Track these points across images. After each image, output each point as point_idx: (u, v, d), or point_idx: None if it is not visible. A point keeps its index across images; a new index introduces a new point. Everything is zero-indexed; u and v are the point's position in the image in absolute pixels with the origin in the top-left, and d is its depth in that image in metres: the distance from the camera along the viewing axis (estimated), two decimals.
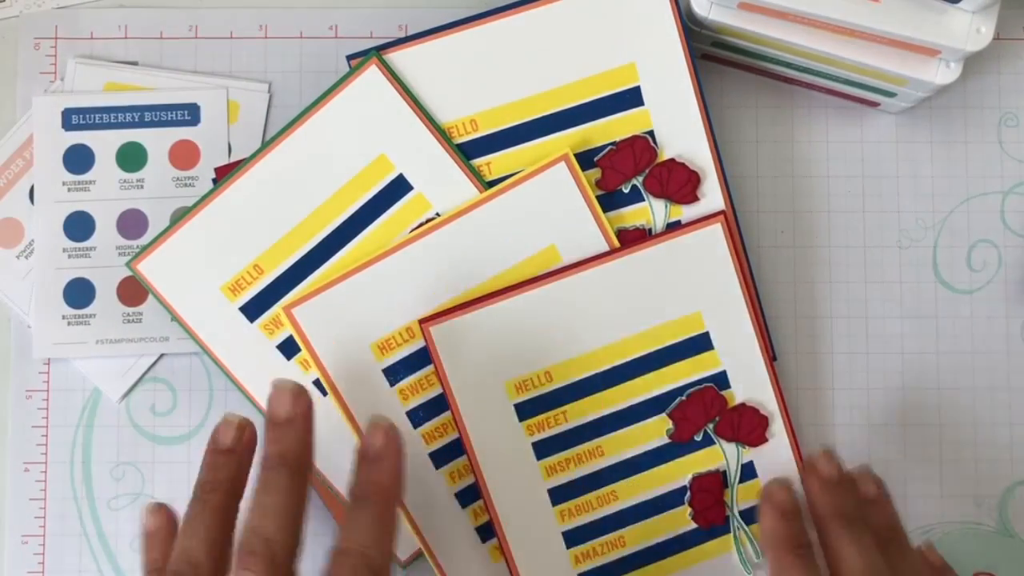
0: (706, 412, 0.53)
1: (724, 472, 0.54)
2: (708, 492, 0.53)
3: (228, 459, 0.45)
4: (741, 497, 0.54)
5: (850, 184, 0.58)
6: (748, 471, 0.54)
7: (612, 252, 0.53)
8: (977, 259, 0.57)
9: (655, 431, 0.54)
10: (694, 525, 0.54)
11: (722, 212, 0.53)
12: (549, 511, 0.53)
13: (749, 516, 0.54)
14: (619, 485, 0.54)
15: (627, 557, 0.54)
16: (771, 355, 0.55)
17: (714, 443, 0.54)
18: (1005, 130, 0.58)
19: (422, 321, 0.52)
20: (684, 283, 0.53)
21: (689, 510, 0.54)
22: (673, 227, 0.54)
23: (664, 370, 0.54)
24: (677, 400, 0.53)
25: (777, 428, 0.54)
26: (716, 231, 0.53)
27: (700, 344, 0.54)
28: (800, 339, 0.57)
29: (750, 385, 0.54)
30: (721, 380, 0.54)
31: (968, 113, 0.58)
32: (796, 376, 0.57)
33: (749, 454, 0.54)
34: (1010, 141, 0.58)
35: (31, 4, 0.58)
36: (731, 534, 0.54)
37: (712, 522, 0.54)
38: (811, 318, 0.57)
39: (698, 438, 0.54)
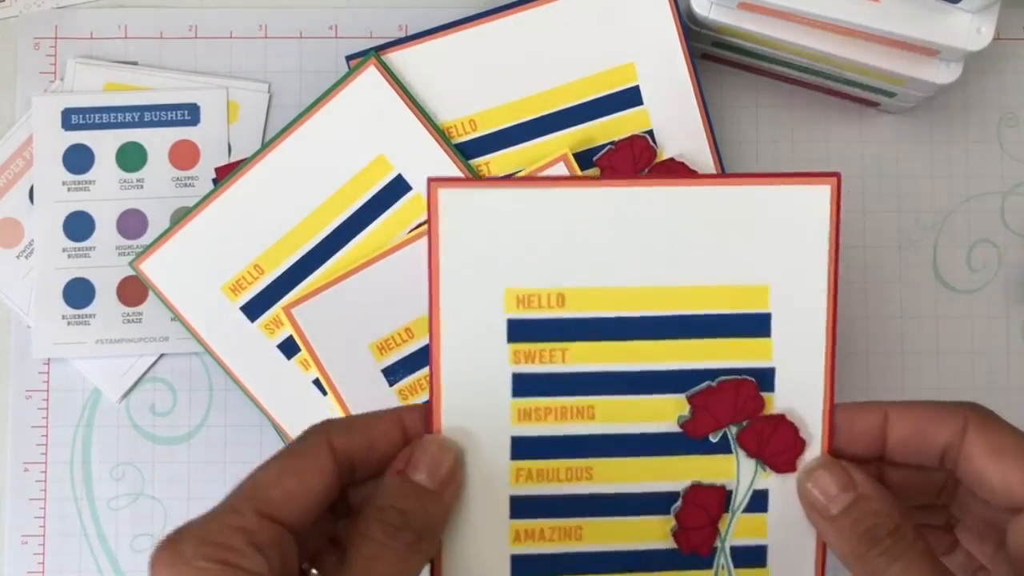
0: (735, 410, 0.42)
1: (730, 492, 0.43)
2: (703, 509, 0.43)
3: None
4: (739, 530, 0.43)
5: (850, 184, 0.57)
6: (758, 501, 0.42)
7: (691, 178, 0.45)
8: (977, 259, 0.57)
9: (665, 411, 0.43)
10: (673, 544, 0.42)
11: (837, 174, 0.43)
12: (505, 462, 0.42)
13: (742, 557, 0.43)
14: (599, 462, 0.43)
15: (578, 555, 0.43)
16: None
17: (731, 451, 0.43)
18: (1005, 130, 0.58)
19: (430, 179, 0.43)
20: (761, 244, 0.42)
21: (673, 523, 0.42)
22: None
23: (700, 342, 0.43)
24: (704, 384, 0.42)
25: (812, 458, 0.42)
26: (823, 194, 0.42)
27: (755, 325, 0.43)
28: None
29: (798, 396, 0.42)
30: (765, 378, 0.43)
31: (968, 113, 0.58)
32: None
33: (768, 480, 0.42)
34: (1010, 141, 0.58)
35: (31, 4, 0.58)
36: (712, 571, 0.43)
37: (695, 548, 0.42)
38: None
39: (714, 439, 0.43)
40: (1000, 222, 0.57)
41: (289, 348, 0.54)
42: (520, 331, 0.42)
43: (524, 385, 0.42)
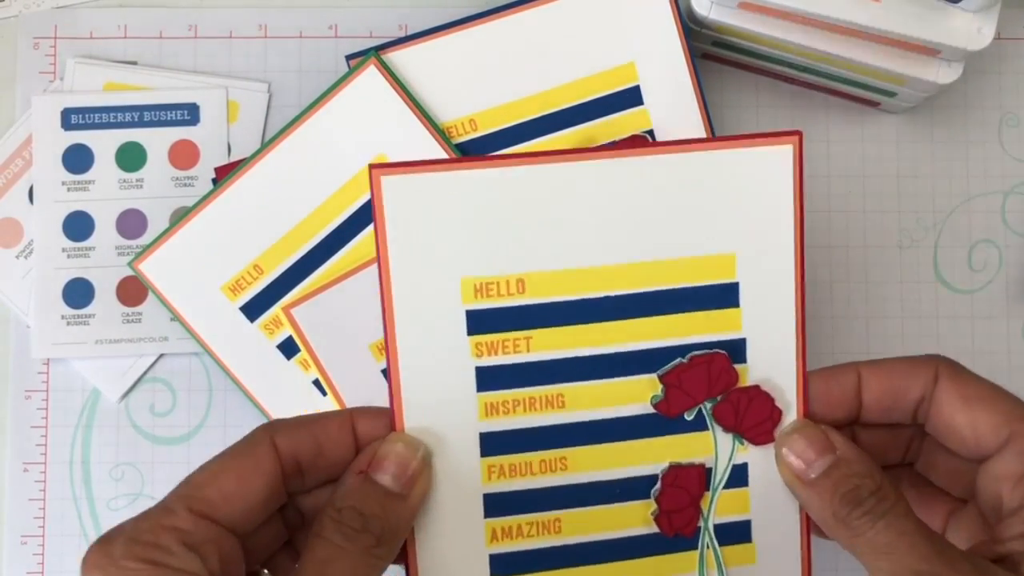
0: (708, 386, 0.41)
1: (709, 469, 0.41)
2: (683, 490, 0.41)
3: None
4: (721, 508, 0.42)
5: (850, 184, 0.57)
6: (738, 476, 0.42)
7: (648, 146, 0.42)
8: (978, 259, 0.57)
9: (637, 393, 0.41)
10: (655, 528, 0.41)
11: (798, 133, 0.41)
12: (475, 460, 0.41)
13: (726, 534, 0.42)
14: (573, 452, 0.41)
15: (558, 549, 0.41)
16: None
17: (707, 428, 0.41)
18: (1006, 130, 0.58)
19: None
20: (724, 211, 0.41)
21: (654, 507, 0.41)
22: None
23: (668, 318, 0.41)
24: (675, 362, 0.41)
25: (787, 425, 0.41)
26: (785, 155, 0.41)
27: (723, 296, 0.41)
28: None
29: (772, 365, 0.41)
30: (737, 350, 0.41)
31: (969, 113, 0.58)
32: None
33: (746, 453, 0.41)
34: (1011, 141, 0.58)
35: (30, 4, 0.58)
36: (697, 551, 0.42)
37: (678, 530, 0.41)
38: (811, 318, 0.57)
39: (689, 416, 0.41)
40: (1001, 222, 0.57)
41: (289, 348, 0.54)
42: (480, 322, 0.41)
43: (488, 378, 0.41)
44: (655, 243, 0.41)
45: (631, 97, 0.54)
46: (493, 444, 0.41)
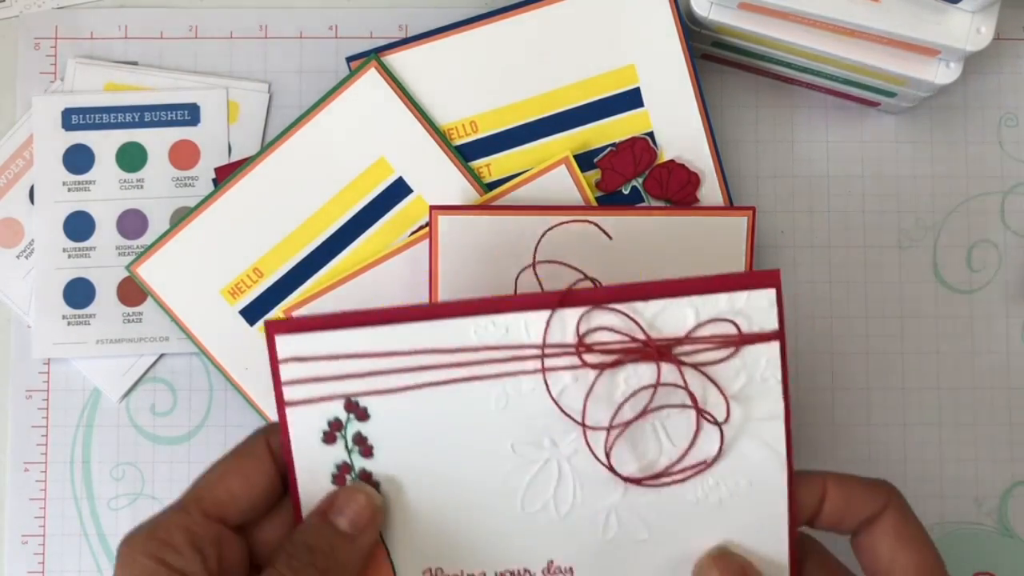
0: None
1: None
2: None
3: None
4: None
5: (850, 184, 0.58)
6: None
7: (642, 208, 0.54)
8: (977, 259, 0.57)
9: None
10: None
11: (752, 208, 0.53)
12: None
13: None
14: None
15: None
16: None
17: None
18: (1005, 130, 0.58)
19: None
20: (691, 263, 0.52)
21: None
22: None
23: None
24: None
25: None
26: (741, 224, 0.53)
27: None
28: (800, 339, 0.57)
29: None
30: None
31: (968, 113, 0.58)
32: (796, 376, 0.57)
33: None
34: (1010, 141, 0.58)
35: (31, 4, 0.58)
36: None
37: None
38: (811, 318, 0.57)
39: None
40: (1000, 222, 0.58)
41: None
42: None
43: None
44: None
45: (631, 99, 0.54)
46: None
